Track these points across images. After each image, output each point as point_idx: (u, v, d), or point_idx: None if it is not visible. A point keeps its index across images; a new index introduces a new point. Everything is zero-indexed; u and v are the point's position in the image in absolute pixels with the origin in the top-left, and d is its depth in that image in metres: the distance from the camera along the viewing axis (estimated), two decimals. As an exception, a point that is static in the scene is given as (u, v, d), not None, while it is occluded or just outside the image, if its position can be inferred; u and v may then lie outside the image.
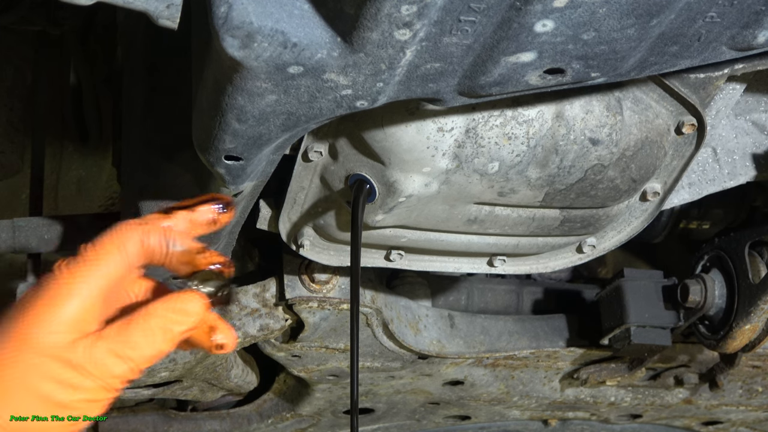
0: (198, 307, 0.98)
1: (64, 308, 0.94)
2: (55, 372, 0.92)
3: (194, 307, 0.98)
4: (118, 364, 0.94)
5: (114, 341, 0.94)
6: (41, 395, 0.92)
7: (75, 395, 0.93)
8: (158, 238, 0.99)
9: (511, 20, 0.87)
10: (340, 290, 1.62)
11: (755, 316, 1.61)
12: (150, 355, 0.96)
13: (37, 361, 0.92)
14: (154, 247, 0.99)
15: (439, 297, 1.90)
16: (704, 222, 1.81)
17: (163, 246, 0.99)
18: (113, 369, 0.94)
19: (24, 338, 0.93)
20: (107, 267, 0.97)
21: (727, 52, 1.01)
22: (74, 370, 0.93)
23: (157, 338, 0.96)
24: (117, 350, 0.94)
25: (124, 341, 0.95)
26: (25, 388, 0.92)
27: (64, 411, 0.93)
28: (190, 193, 1.37)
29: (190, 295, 0.99)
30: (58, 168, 2.42)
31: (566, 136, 1.15)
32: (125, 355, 0.95)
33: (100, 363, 0.93)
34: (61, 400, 0.93)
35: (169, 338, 0.97)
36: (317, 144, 1.18)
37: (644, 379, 2.01)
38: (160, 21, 0.90)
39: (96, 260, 0.97)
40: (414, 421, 2.12)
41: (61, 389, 0.93)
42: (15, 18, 1.79)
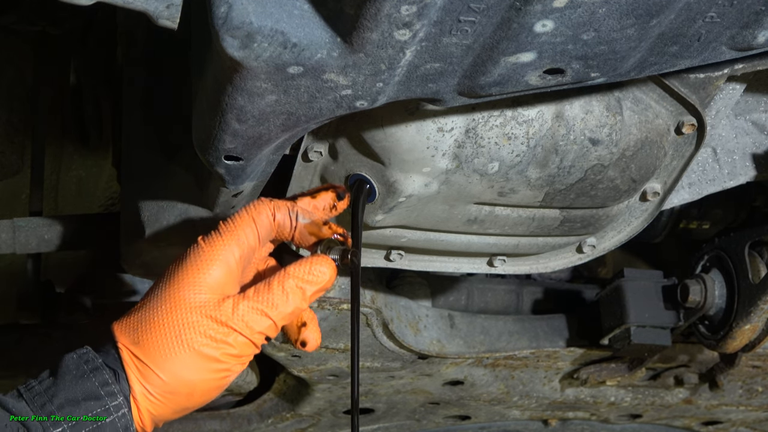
0: (329, 268, 1.10)
1: (208, 273, 1.06)
2: (207, 327, 1.04)
3: (325, 268, 1.10)
4: (261, 320, 1.06)
5: (256, 300, 1.07)
6: (196, 350, 1.04)
7: (225, 349, 1.05)
8: (285, 212, 1.12)
9: (510, 20, 0.87)
10: (340, 290, 1.62)
11: (755, 316, 1.61)
12: (288, 312, 1.07)
13: (192, 319, 1.04)
14: (283, 220, 1.12)
15: (439, 297, 1.90)
16: (704, 222, 1.81)
17: (291, 219, 1.12)
18: (256, 325, 1.06)
19: (177, 299, 1.05)
20: (243, 237, 1.09)
21: (727, 52, 1.01)
22: (223, 326, 1.05)
23: (293, 297, 1.08)
24: (259, 308, 1.06)
25: (265, 300, 1.07)
26: (182, 343, 1.04)
27: (216, 365, 1.05)
28: (190, 193, 1.38)
29: (321, 259, 1.10)
30: (59, 168, 2.42)
31: (566, 136, 1.15)
32: (267, 312, 1.06)
33: (244, 319, 1.05)
34: (213, 355, 1.05)
35: (304, 297, 1.08)
36: (317, 144, 1.18)
37: (644, 379, 2.01)
38: (160, 21, 0.90)
39: (233, 231, 1.09)
40: (414, 421, 2.12)
41: (213, 344, 1.05)
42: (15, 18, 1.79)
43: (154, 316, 1.06)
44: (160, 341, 1.05)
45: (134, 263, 1.47)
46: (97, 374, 1.05)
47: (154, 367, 1.05)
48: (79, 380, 1.04)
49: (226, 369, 1.07)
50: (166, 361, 1.05)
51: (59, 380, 1.04)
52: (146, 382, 1.05)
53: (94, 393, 1.03)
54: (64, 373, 1.05)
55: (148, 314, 1.06)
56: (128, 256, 1.48)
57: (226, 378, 1.08)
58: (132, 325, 1.07)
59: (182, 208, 1.40)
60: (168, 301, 1.06)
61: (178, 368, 1.05)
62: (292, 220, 1.13)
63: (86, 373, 1.05)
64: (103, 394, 1.04)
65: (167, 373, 1.05)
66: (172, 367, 1.05)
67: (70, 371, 1.05)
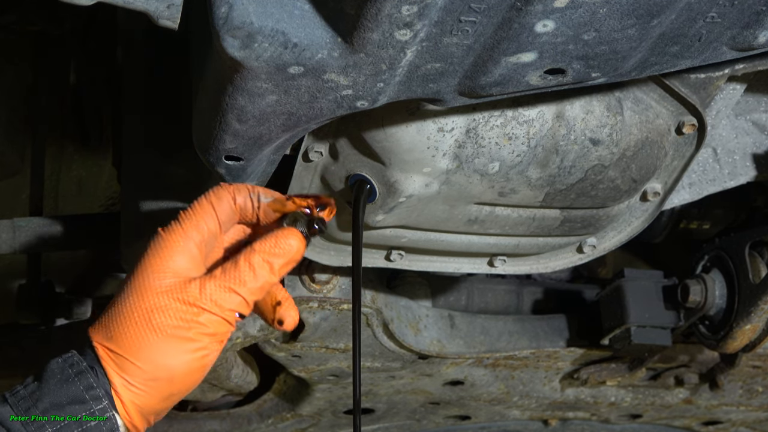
0: (295, 239, 1.09)
1: (171, 259, 1.07)
2: (176, 310, 1.05)
3: (292, 240, 1.09)
4: (230, 297, 1.06)
5: (223, 279, 1.07)
6: (168, 333, 1.04)
7: (198, 329, 1.05)
8: (246, 194, 1.11)
9: (511, 20, 0.87)
10: (341, 290, 1.62)
11: (755, 316, 1.61)
12: (256, 286, 1.07)
13: (160, 303, 1.05)
14: (244, 202, 1.11)
15: (439, 297, 1.90)
16: (704, 222, 1.81)
17: (252, 200, 1.11)
18: (225, 303, 1.06)
19: (143, 288, 1.06)
20: (203, 223, 1.09)
21: (727, 53, 1.01)
22: (192, 306, 1.05)
23: (261, 271, 1.07)
24: (227, 285, 1.06)
25: (232, 277, 1.07)
26: (153, 328, 1.04)
27: (190, 345, 1.05)
28: (190, 193, 1.37)
29: (286, 231, 1.10)
30: (59, 168, 2.42)
31: (567, 136, 1.15)
32: (234, 288, 1.06)
33: (213, 298, 1.05)
34: (186, 336, 1.05)
35: (272, 270, 1.08)
36: (317, 144, 1.18)
37: (644, 379, 2.01)
38: (160, 21, 0.90)
39: (192, 218, 1.09)
40: (414, 421, 2.12)
41: (184, 325, 1.05)
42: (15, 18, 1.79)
43: (122, 308, 1.06)
44: (131, 331, 1.05)
45: (134, 263, 1.46)
46: (82, 378, 1.04)
47: (129, 357, 1.05)
48: (63, 384, 1.04)
49: (202, 348, 1.06)
50: (141, 349, 1.04)
51: (44, 384, 1.04)
52: (125, 374, 1.05)
53: (79, 397, 1.03)
54: (48, 378, 1.05)
55: (117, 308, 1.06)
56: (128, 256, 1.48)
57: (205, 358, 1.07)
58: (104, 323, 1.07)
59: (182, 209, 1.39)
60: (135, 292, 1.06)
61: (153, 354, 1.04)
62: (254, 201, 1.12)
63: (71, 377, 1.04)
64: (87, 398, 1.03)
65: (143, 360, 1.04)
66: (148, 354, 1.04)
67: (55, 375, 1.05)
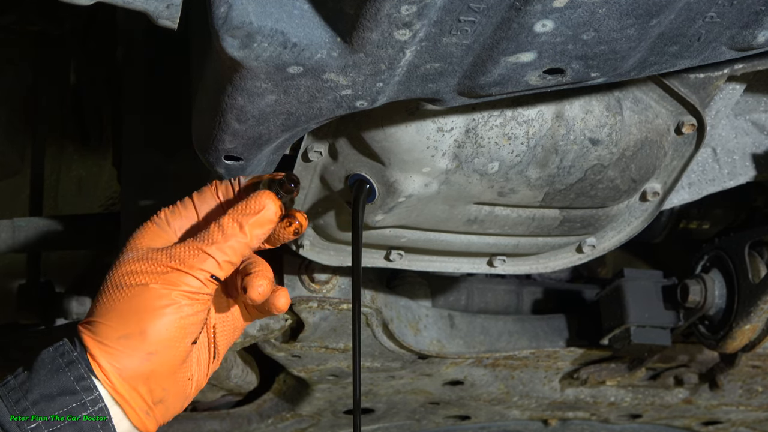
0: (266, 198, 1.08)
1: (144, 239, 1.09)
2: (143, 270, 1.05)
3: (262, 199, 1.08)
4: (198, 255, 1.05)
5: (192, 241, 1.07)
6: (135, 286, 1.04)
7: (166, 285, 1.04)
8: (226, 183, 1.13)
9: (510, 20, 0.87)
10: (340, 290, 1.62)
11: (755, 316, 1.61)
12: (225, 245, 1.06)
13: (129, 268, 1.05)
14: (226, 189, 1.12)
15: (439, 297, 1.90)
16: (704, 222, 1.81)
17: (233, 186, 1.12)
18: (194, 261, 1.05)
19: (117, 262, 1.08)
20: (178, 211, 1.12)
21: (726, 52, 1.01)
22: (160, 266, 1.05)
23: (230, 229, 1.06)
24: (195, 246, 1.06)
25: (201, 238, 1.06)
26: (120, 287, 1.05)
27: (159, 300, 1.04)
28: (190, 193, 1.38)
29: (257, 192, 1.09)
30: (59, 168, 2.42)
31: (566, 136, 1.15)
32: (203, 248, 1.05)
33: (180, 257, 1.05)
34: (155, 290, 1.04)
35: (243, 230, 1.07)
36: (317, 144, 1.18)
37: (644, 379, 2.01)
38: (160, 21, 0.90)
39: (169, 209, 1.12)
40: (414, 421, 2.12)
41: (152, 280, 1.04)
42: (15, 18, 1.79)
43: (100, 287, 1.07)
44: (103, 298, 1.05)
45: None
46: (73, 368, 1.02)
47: (100, 319, 1.04)
48: (54, 374, 1.02)
49: (173, 303, 1.04)
50: (111, 309, 1.04)
51: (34, 375, 1.02)
52: (98, 336, 1.03)
53: (70, 388, 1.01)
54: (39, 368, 1.03)
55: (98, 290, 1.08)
56: (128, 256, 1.48)
57: (177, 312, 1.04)
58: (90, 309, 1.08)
59: (182, 208, 1.39)
60: (111, 269, 1.07)
61: (122, 312, 1.03)
62: (234, 186, 1.13)
63: (61, 367, 1.02)
64: (78, 389, 1.01)
65: (113, 319, 1.03)
66: (117, 313, 1.04)
67: (45, 365, 1.03)
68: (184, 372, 1.09)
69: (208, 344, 1.16)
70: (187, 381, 1.11)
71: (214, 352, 1.16)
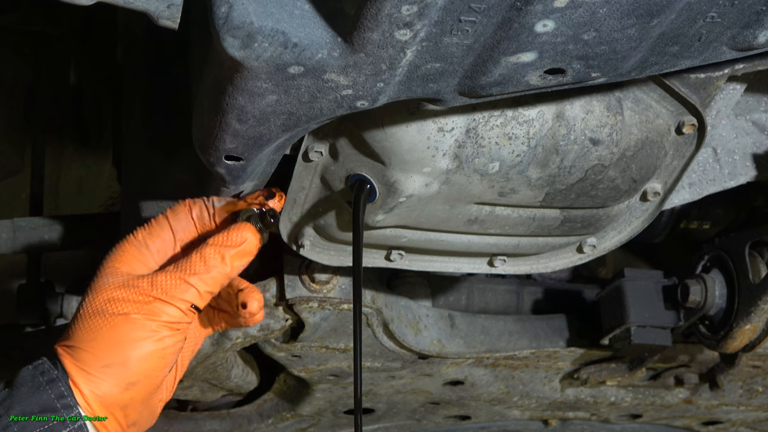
0: (246, 230, 1.11)
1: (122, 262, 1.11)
2: (125, 299, 1.07)
3: (243, 231, 1.11)
4: (180, 286, 1.08)
5: (174, 270, 1.09)
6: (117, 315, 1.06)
7: (148, 315, 1.06)
8: (201, 204, 1.16)
9: (511, 20, 0.87)
10: (341, 290, 1.62)
11: (755, 316, 1.61)
12: (207, 276, 1.09)
13: (111, 295, 1.07)
14: (200, 211, 1.16)
15: (440, 297, 1.90)
16: (704, 222, 1.81)
17: (207, 208, 1.16)
18: (176, 291, 1.07)
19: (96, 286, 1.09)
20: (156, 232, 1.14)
21: (727, 52, 1.01)
22: (142, 295, 1.07)
23: (212, 260, 1.09)
24: (177, 276, 1.08)
25: (183, 268, 1.09)
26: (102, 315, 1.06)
27: (141, 332, 1.06)
28: (190, 193, 1.37)
29: (237, 224, 1.13)
30: (59, 168, 2.42)
31: (567, 136, 1.15)
32: (185, 278, 1.08)
33: (163, 287, 1.07)
34: (138, 321, 1.06)
35: (224, 261, 1.10)
36: (318, 144, 1.18)
37: (644, 379, 2.01)
38: (160, 21, 0.90)
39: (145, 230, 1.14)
40: (414, 421, 2.12)
41: (134, 310, 1.06)
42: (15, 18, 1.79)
43: (79, 311, 1.09)
44: (85, 324, 1.07)
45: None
46: (53, 386, 1.04)
47: (83, 346, 1.06)
48: (35, 392, 1.04)
49: (154, 332, 1.06)
50: (94, 338, 1.06)
51: (15, 392, 1.04)
52: (80, 364, 1.05)
53: (50, 406, 1.03)
54: (20, 385, 1.05)
55: (77, 313, 1.09)
56: (128, 256, 1.48)
57: (159, 342, 1.07)
58: (67, 329, 1.09)
59: (182, 208, 1.39)
60: (90, 293, 1.09)
61: (105, 341, 1.06)
62: (209, 208, 1.16)
63: (42, 385, 1.04)
64: (59, 407, 1.03)
65: (96, 348, 1.06)
66: (100, 342, 1.06)
67: (26, 383, 1.05)
68: (157, 395, 1.13)
69: (178, 362, 1.19)
70: (158, 403, 1.14)
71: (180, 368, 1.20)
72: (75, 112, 2.16)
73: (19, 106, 2.03)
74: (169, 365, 1.10)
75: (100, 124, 2.13)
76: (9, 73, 2.01)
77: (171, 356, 1.09)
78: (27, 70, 2.06)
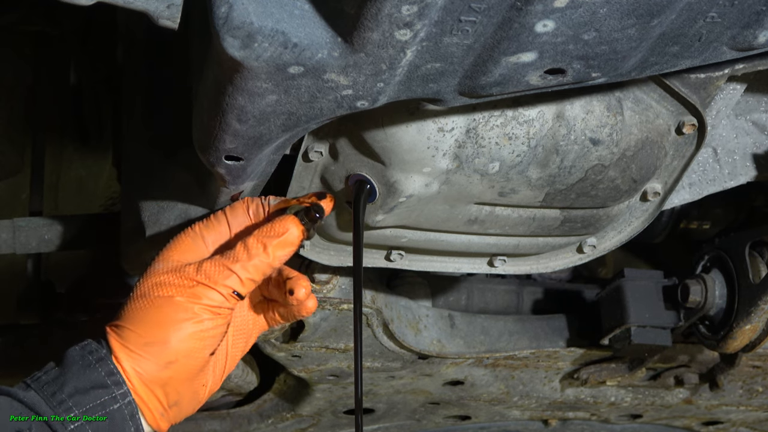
0: (290, 222, 1.15)
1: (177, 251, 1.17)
2: (171, 283, 1.12)
3: (287, 223, 1.15)
4: (222, 272, 1.12)
5: (219, 258, 1.14)
6: (160, 297, 1.11)
7: (191, 299, 1.11)
8: (257, 202, 1.21)
9: (511, 20, 0.87)
10: (341, 290, 1.62)
11: (755, 316, 1.60)
12: (249, 263, 1.13)
13: (158, 279, 1.13)
14: (257, 208, 1.21)
15: (439, 297, 1.90)
16: (704, 222, 1.81)
17: (263, 205, 1.21)
18: (219, 277, 1.12)
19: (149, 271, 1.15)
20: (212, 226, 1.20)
21: (727, 52, 1.01)
22: (186, 279, 1.12)
23: (255, 250, 1.13)
24: (221, 263, 1.13)
25: (227, 256, 1.13)
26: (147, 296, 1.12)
27: (182, 313, 1.11)
28: (190, 193, 1.37)
29: (282, 216, 1.17)
30: (59, 168, 2.42)
31: (567, 136, 1.15)
32: (228, 265, 1.12)
33: (207, 273, 1.12)
34: (180, 303, 1.11)
35: (266, 251, 1.13)
36: (317, 144, 1.18)
37: (644, 379, 2.01)
38: (160, 21, 0.90)
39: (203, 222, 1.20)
40: (414, 421, 2.12)
41: (177, 293, 1.11)
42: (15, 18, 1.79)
43: (131, 294, 1.14)
44: (132, 305, 1.13)
45: (134, 263, 1.47)
46: (103, 364, 1.09)
47: (127, 325, 1.12)
48: (86, 370, 1.09)
49: (196, 316, 1.11)
50: (138, 317, 1.12)
51: (66, 370, 1.09)
52: (123, 340, 1.11)
53: (101, 382, 1.08)
54: (70, 364, 1.10)
55: (129, 296, 1.15)
56: (128, 256, 1.48)
57: (199, 325, 1.11)
58: (118, 312, 1.15)
59: (182, 208, 1.39)
60: (142, 278, 1.15)
61: (148, 320, 1.11)
62: (264, 206, 1.21)
63: (92, 364, 1.09)
64: (109, 383, 1.08)
65: (139, 326, 1.11)
66: (144, 321, 1.11)
67: (76, 362, 1.10)
68: (199, 379, 1.16)
69: (226, 352, 1.23)
70: (201, 387, 1.18)
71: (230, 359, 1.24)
72: (75, 112, 2.16)
73: (19, 106, 2.03)
74: (209, 348, 1.13)
75: (100, 124, 2.13)
76: (9, 73, 2.01)
77: (210, 339, 1.13)
78: (27, 70, 2.06)
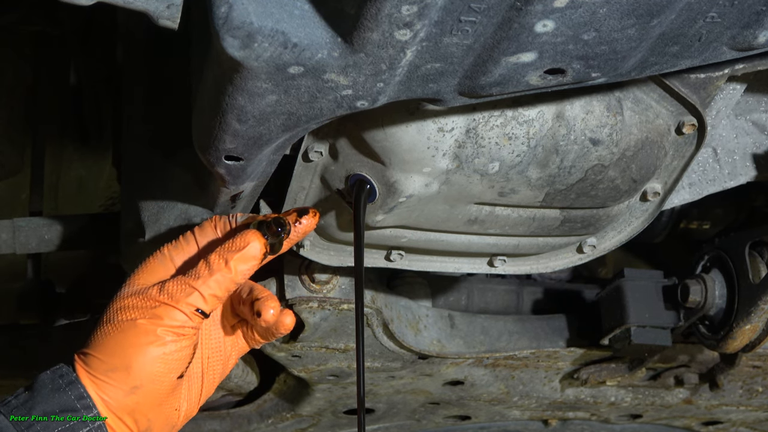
0: (251, 236, 1.13)
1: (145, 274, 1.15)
2: (134, 306, 1.10)
3: (248, 237, 1.13)
4: (184, 290, 1.10)
5: (181, 277, 1.11)
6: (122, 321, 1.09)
7: (153, 320, 1.09)
8: (225, 219, 1.20)
9: (511, 20, 0.87)
10: (341, 290, 1.62)
11: (755, 316, 1.60)
12: (211, 280, 1.11)
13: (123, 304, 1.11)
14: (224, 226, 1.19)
15: (439, 297, 1.90)
16: (704, 222, 1.81)
17: (230, 223, 1.19)
18: (181, 296, 1.09)
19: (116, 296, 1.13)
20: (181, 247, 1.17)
21: (727, 52, 1.01)
22: (149, 300, 1.10)
23: (216, 265, 1.11)
24: (184, 281, 1.10)
25: (190, 273, 1.11)
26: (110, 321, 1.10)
27: (147, 337, 1.08)
28: (190, 193, 1.38)
29: (244, 231, 1.14)
30: (59, 168, 2.42)
31: (567, 136, 1.15)
32: (190, 283, 1.10)
33: (169, 292, 1.10)
34: (142, 326, 1.08)
35: (228, 266, 1.11)
36: (317, 144, 1.18)
37: (644, 379, 2.01)
38: (160, 21, 0.90)
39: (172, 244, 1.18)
40: (414, 421, 2.12)
41: (139, 316, 1.09)
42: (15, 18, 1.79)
43: (98, 319, 1.12)
44: (98, 331, 1.11)
45: (134, 263, 1.47)
46: (73, 388, 1.08)
47: (92, 351, 1.10)
48: (55, 393, 1.07)
49: (158, 338, 1.09)
50: (101, 342, 1.10)
51: (36, 394, 1.07)
52: (88, 367, 1.09)
53: (71, 406, 1.06)
54: (40, 388, 1.08)
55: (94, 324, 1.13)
56: (128, 256, 1.48)
57: (162, 347, 1.09)
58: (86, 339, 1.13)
59: (182, 209, 1.39)
60: (110, 303, 1.13)
61: (111, 346, 1.09)
62: (232, 223, 1.19)
63: (62, 387, 1.08)
64: (79, 407, 1.07)
65: (103, 352, 1.09)
66: (107, 347, 1.09)
67: (46, 386, 1.08)
68: (170, 403, 1.14)
69: (202, 375, 1.20)
70: (173, 412, 1.15)
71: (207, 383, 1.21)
72: (75, 112, 2.16)
73: (19, 106, 2.03)
74: (175, 371, 1.11)
75: (100, 124, 2.13)
76: (9, 73, 2.01)
77: (175, 362, 1.10)
78: (27, 70, 2.06)
